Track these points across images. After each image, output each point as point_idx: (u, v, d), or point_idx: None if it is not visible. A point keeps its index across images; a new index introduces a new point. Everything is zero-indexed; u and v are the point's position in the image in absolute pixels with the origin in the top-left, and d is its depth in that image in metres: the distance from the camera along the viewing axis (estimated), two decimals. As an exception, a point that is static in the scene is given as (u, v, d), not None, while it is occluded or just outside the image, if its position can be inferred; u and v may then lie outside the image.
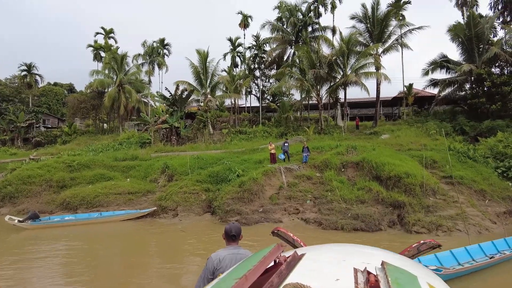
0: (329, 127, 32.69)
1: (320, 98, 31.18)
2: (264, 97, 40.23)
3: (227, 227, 3.28)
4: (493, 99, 26.99)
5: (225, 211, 16.00)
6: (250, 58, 39.64)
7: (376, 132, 30.06)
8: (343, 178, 17.62)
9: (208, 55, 33.79)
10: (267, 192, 17.18)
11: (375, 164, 17.23)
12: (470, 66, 26.21)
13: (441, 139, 24.67)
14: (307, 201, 16.35)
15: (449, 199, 14.62)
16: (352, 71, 29.80)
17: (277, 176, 18.29)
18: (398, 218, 13.97)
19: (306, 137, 27.75)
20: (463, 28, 28.68)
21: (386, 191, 15.38)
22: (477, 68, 26.80)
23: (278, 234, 3.76)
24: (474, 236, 12.05)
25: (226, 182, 18.55)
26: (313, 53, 31.16)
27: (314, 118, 37.52)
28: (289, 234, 3.65)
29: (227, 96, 34.52)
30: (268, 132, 32.97)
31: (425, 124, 28.04)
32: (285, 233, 3.69)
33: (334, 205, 15.27)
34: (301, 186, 17.53)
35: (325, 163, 18.85)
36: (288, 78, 32.29)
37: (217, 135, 33.44)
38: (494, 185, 16.84)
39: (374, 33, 30.84)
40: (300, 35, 36.50)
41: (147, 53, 48.97)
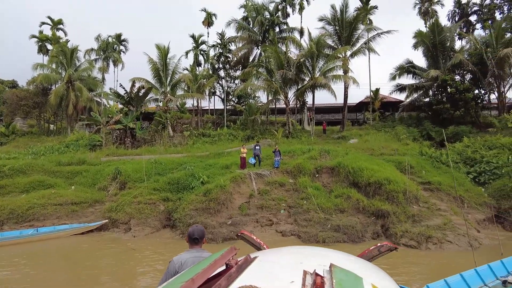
0: (297, 131, 31.49)
1: (288, 100, 29.90)
2: (229, 98, 38.29)
3: (190, 230, 3.27)
4: (456, 105, 27.34)
5: (187, 224, 13.77)
6: (215, 57, 37.56)
7: (344, 136, 29.35)
8: (318, 184, 16.19)
9: (168, 51, 31.20)
10: (236, 201, 15.24)
11: (352, 170, 15.99)
12: (437, 72, 26.32)
13: (412, 144, 24.41)
14: (281, 210, 14.65)
15: (433, 206, 13.69)
16: (321, 73, 28.88)
17: (247, 183, 16.43)
18: (382, 229, 12.71)
19: (275, 141, 26.21)
20: (429, 35, 28.97)
21: (367, 199, 14.13)
22: (443, 74, 27.00)
23: (243, 237, 3.84)
24: (465, 248, 11.01)
25: (189, 190, 16.35)
26: (281, 53, 29.82)
27: (280, 122, 36.22)
28: (253, 237, 3.74)
29: (189, 96, 32.10)
30: (233, 135, 31.02)
31: (394, 129, 27.73)
32: (249, 236, 3.77)
33: (312, 215, 13.71)
34: (273, 193, 15.81)
35: (298, 168, 17.33)
36: (255, 79, 30.68)
37: (177, 138, 30.85)
38: (470, 191, 16.33)
39: (343, 35, 30.25)
40: (267, 35, 35.16)
41: (101, 48, 44.99)
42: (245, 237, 3.87)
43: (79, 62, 40.36)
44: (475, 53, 27.06)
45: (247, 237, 3.85)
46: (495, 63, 24.60)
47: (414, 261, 10.16)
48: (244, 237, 3.88)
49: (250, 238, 3.80)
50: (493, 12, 34.32)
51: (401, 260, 10.05)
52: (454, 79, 27.40)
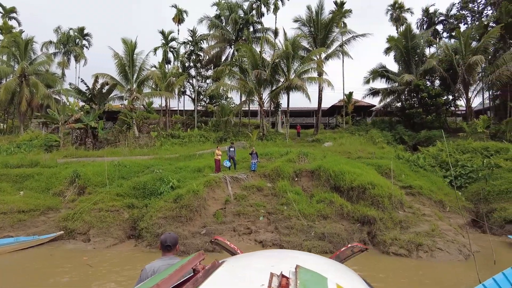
0: (271, 134, 30.63)
1: (262, 101, 28.94)
2: (200, 98, 36.69)
3: (163, 237, 3.24)
4: (428, 110, 27.75)
5: (155, 234, 12.25)
6: (185, 55, 35.85)
7: (318, 139, 28.92)
8: (298, 188, 15.23)
9: (136, 46, 29.22)
10: (210, 208, 13.89)
11: (333, 173, 15.20)
12: (411, 76, 26.55)
13: (387, 148, 24.28)
14: (260, 217, 13.50)
15: (418, 212, 13.15)
16: (296, 75, 28.25)
17: (222, 187, 15.13)
18: (369, 236, 11.95)
19: (249, 143, 25.10)
20: (401, 39, 29.29)
21: (351, 205, 13.33)
22: (415, 79, 27.32)
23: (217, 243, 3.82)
24: (457, 256, 10.47)
25: (157, 195, 14.78)
26: (255, 53, 28.86)
27: (254, 124, 35.21)
28: (227, 243, 3.74)
29: (157, 94, 30.17)
30: (205, 136, 29.54)
31: (368, 132, 27.62)
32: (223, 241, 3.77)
33: (293, 222, 12.69)
34: (251, 199, 14.63)
35: (276, 171, 16.29)
36: (228, 78, 29.47)
37: (144, 139, 28.85)
38: (449, 195, 16.13)
39: (319, 37, 29.89)
40: (241, 34, 34.08)
41: (61, 42, 41.69)
42: (219, 243, 3.81)
43: (35, 55, 37.07)
44: (445, 59, 27.67)
45: (221, 242, 3.80)
46: (465, 70, 25.16)
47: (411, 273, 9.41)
48: (219, 243, 3.83)
49: (224, 243, 3.76)
50: (459, 22, 35.59)
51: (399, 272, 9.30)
52: (426, 84, 27.83)
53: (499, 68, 24.85)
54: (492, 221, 14.29)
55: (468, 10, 33.38)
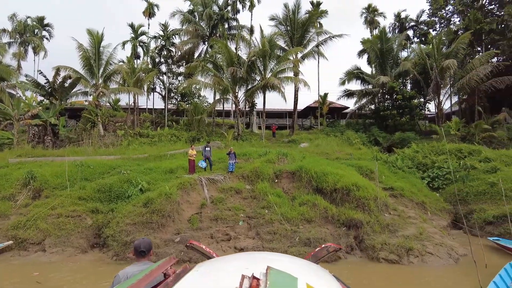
0: (246, 134, 29.70)
1: (238, 100, 27.95)
2: (171, 96, 35.04)
3: (136, 242, 3.18)
4: (402, 112, 28.06)
5: (122, 242, 10.89)
6: (156, 50, 34.07)
7: (294, 140, 28.42)
8: (279, 190, 14.38)
9: (103, 38, 27.22)
10: (185, 213, 12.69)
11: (315, 174, 14.50)
12: (387, 78, 26.69)
13: (364, 149, 24.14)
14: (240, 222, 12.49)
15: (403, 214, 12.75)
16: (273, 74, 27.55)
17: (197, 190, 13.96)
18: (356, 241, 11.30)
19: (225, 143, 24.05)
20: (377, 42, 29.48)
21: (336, 207, 12.67)
22: (391, 81, 27.52)
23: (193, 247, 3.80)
24: (447, 260, 10.06)
25: (124, 199, 13.35)
26: (231, 50, 27.85)
27: (228, 124, 34.11)
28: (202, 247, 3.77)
29: (125, 90, 28.29)
30: (176, 136, 28.07)
31: (344, 134, 27.46)
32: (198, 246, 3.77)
33: (276, 227, 11.80)
34: (229, 202, 13.58)
35: (255, 172, 15.34)
36: (202, 75, 28.19)
37: (110, 138, 26.89)
38: (429, 197, 15.98)
39: (295, 36, 29.42)
40: (216, 31, 32.89)
41: (17, 31, 38.30)
42: (195, 247, 3.82)
43: (-16, 43, 33.74)
44: (419, 62, 28.14)
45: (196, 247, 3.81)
46: (438, 73, 25.64)
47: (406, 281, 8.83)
48: (194, 247, 3.83)
49: (199, 248, 3.79)
50: (429, 28, 36.61)
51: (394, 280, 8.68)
52: (401, 87, 28.14)
53: (468, 73, 25.55)
54: (472, 222, 14.18)
55: (437, 17, 34.34)
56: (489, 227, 13.45)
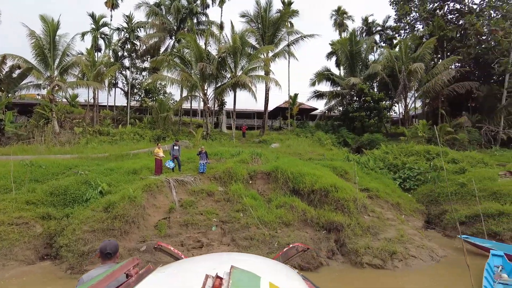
0: (215, 133, 28.61)
1: (207, 98, 26.79)
2: (134, 92, 33.02)
3: (102, 245, 3.15)
4: (371, 113, 28.39)
5: (79, 253, 9.49)
6: (119, 43, 31.93)
7: (265, 140, 27.79)
8: (254, 192, 13.56)
9: (59, 26, 24.83)
10: (151, 218, 11.46)
11: (292, 175, 13.88)
12: (357, 79, 26.85)
13: (335, 150, 24.00)
14: (213, 227, 11.48)
15: (382, 216, 12.41)
16: (243, 72, 26.73)
17: (164, 192, 12.75)
18: (337, 245, 10.72)
19: (193, 142, 22.84)
20: (347, 44, 29.66)
21: (314, 210, 12.06)
22: (361, 82, 27.75)
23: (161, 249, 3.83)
24: (430, 263, 9.78)
25: (82, 203, 11.87)
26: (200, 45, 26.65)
27: (195, 123, 32.79)
28: (170, 248, 3.82)
29: (84, 84, 26.08)
30: (140, 134, 26.35)
31: (315, 134, 27.26)
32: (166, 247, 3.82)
33: (253, 232, 10.94)
34: (200, 206, 12.54)
35: (228, 173, 14.42)
36: (168, 70, 26.69)
37: (66, 135, 24.61)
38: (402, 198, 15.93)
39: (267, 34, 28.84)
40: (184, 25, 31.43)
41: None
42: (163, 248, 3.77)
43: None
44: (388, 65, 28.64)
45: (165, 248, 3.76)
46: (406, 76, 26.20)
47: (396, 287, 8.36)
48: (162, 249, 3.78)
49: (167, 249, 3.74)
50: (395, 33, 37.66)
51: None
52: (371, 88, 28.49)
53: (434, 77, 26.36)
54: (444, 222, 14.27)
55: (403, 23, 35.39)
56: (462, 227, 13.51)
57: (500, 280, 8.00)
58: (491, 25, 25.95)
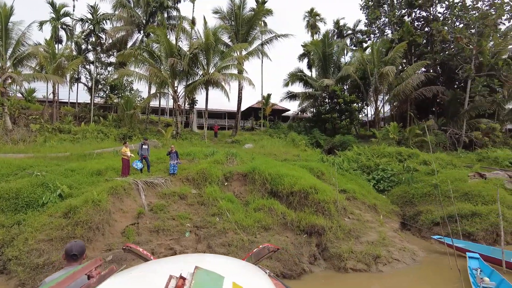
0: (186, 133, 27.49)
1: (177, 95, 25.65)
2: (99, 88, 31.05)
3: (68, 246, 3.05)
4: (343, 115, 28.60)
5: (32, 266, 8.29)
6: (82, 35, 29.85)
7: (238, 140, 27.10)
8: (230, 195, 12.85)
9: (12, 12, 22.65)
10: (118, 224, 10.39)
11: (270, 176, 13.32)
12: (330, 81, 26.90)
13: (310, 151, 23.81)
14: (186, 233, 10.63)
15: (361, 218, 12.19)
16: (216, 70, 25.89)
17: (132, 195, 11.70)
18: (319, 250, 10.28)
19: (162, 142, 21.68)
20: (320, 45, 29.71)
21: (294, 212, 11.57)
22: (333, 84, 27.86)
23: (130, 250, 3.77)
24: (413, 266, 9.59)
25: (37, 208, 10.56)
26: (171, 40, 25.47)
27: (164, 122, 31.44)
28: (139, 249, 3.71)
29: (42, 77, 23.97)
30: (104, 132, 24.69)
31: (289, 135, 26.98)
32: (135, 248, 3.74)
33: (231, 237, 10.23)
34: (172, 210, 11.62)
35: (202, 175, 13.59)
36: (136, 65, 25.25)
37: (20, 132, 22.46)
38: (378, 199, 15.92)
39: (240, 32, 28.18)
40: (153, 19, 29.99)
41: None
42: (132, 250, 3.68)
43: None
44: (360, 68, 28.99)
45: (134, 249, 3.68)
46: (377, 79, 26.61)
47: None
48: (131, 250, 3.70)
49: (136, 250, 3.67)
50: (366, 37, 38.42)
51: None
52: (343, 90, 28.69)
53: (404, 81, 27.01)
54: (419, 223, 14.36)
55: (374, 27, 36.18)
56: (437, 228, 13.60)
57: (483, 284, 7.93)
58: (455, 33, 27.00)
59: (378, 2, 35.39)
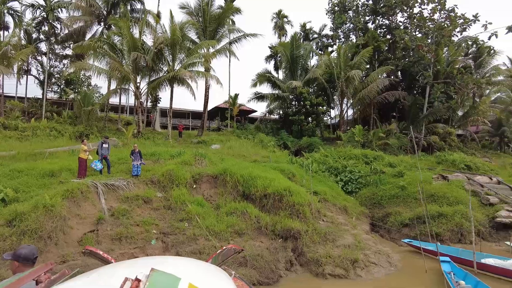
0: (148, 132, 26.10)
1: (139, 92, 24.23)
2: (52, 82, 28.61)
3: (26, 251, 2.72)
4: (309, 117, 28.74)
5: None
6: (33, 23, 27.30)
7: (205, 141, 26.23)
8: (199, 198, 12.10)
9: None
10: (74, 232, 9.24)
11: (242, 178, 12.73)
12: (299, 83, 26.89)
13: (278, 152, 23.54)
14: (153, 241, 9.72)
15: (335, 221, 12.00)
16: (182, 66, 24.84)
17: (91, 199, 10.55)
18: (295, 254, 9.85)
19: (123, 141, 20.29)
20: (289, 47, 29.67)
21: (268, 216, 11.07)
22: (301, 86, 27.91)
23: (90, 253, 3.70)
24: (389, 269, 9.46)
25: (-26, 215, 9.10)
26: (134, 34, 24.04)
27: (124, 120, 29.69)
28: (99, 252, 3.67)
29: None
30: (58, 130, 22.68)
31: (257, 136, 26.57)
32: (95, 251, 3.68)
33: (201, 244, 9.50)
34: (136, 215, 10.63)
35: (168, 176, 12.68)
36: (95, 58, 23.50)
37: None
38: (348, 201, 15.90)
39: (208, 29, 27.33)
40: (115, 11, 28.18)
41: None
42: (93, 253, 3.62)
43: None
44: (326, 71, 29.32)
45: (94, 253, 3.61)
46: (344, 82, 27.04)
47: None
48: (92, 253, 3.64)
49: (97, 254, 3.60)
50: (330, 42, 39.13)
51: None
52: (310, 93, 28.83)
53: (368, 85, 27.71)
54: (389, 225, 14.50)
55: (340, 31, 36.92)
56: (406, 229, 13.82)
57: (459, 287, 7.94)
58: (417, 41, 28.21)
59: (344, 7, 36.18)
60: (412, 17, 31.26)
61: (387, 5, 31.31)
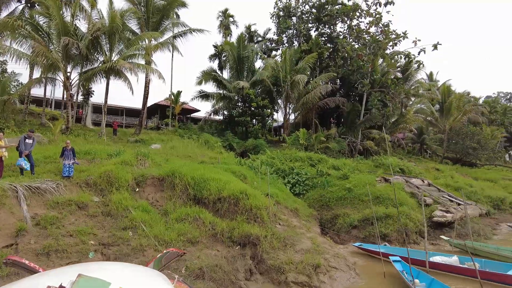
0: (78, 128, 23.30)
1: (70, 83, 21.46)
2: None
3: None
4: (255, 119, 28.51)
5: None
6: None
7: (143, 140, 24.32)
8: (144, 203, 10.79)
9: None
10: (-15, 246, 7.41)
11: (193, 181, 11.74)
12: (246, 83, 26.44)
13: (225, 153, 22.76)
14: (90, 254, 8.25)
15: (290, 224, 11.65)
16: (121, 58, 22.67)
17: (8, 206, 8.66)
18: (254, 262, 9.18)
19: (49, 137, 17.67)
20: (235, 47, 29.11)
21: (223, 221, 10.26)
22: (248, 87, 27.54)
23: (13, 263, 3.39)
24: (350, 274, 9.33)
25: None
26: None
27: (49, 114, 26.19)
28: (24, 261, 3.32)
29: None
30: (-38, 123, 18.92)
31: (202, 136, 25.43)
32: (19, 261, 3.36)
33: (150, 256, 8.32)
34: (68, 224, 9.00)
35: (107, 178, 11.14)
36: (14, 39, 20.17)
37: None
38: (297, 203, 15.79)
39: (151, 20, 25.47)
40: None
41: None
42: (16, 263, 3.30)
43: None
44: (273, 74, 29.38)
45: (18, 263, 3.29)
46: (289, 86, 27.33)
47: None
48: (16, 263, 3.32)
49: (21, 263, 3.27)
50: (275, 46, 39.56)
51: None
52: (256, 94, 28.59)
53: (312, 90, 28.43)
54: (337, 227, 14.68)
55: (285, 36, 37.50)
56: (355, 230, 14.11)
57: (416, 286, 8.07)
58: (357, 51, 29.81)
59: (288, 13, 36.86)
60: (352, 28, 33.05)
61: (329, 14, 32.59)
